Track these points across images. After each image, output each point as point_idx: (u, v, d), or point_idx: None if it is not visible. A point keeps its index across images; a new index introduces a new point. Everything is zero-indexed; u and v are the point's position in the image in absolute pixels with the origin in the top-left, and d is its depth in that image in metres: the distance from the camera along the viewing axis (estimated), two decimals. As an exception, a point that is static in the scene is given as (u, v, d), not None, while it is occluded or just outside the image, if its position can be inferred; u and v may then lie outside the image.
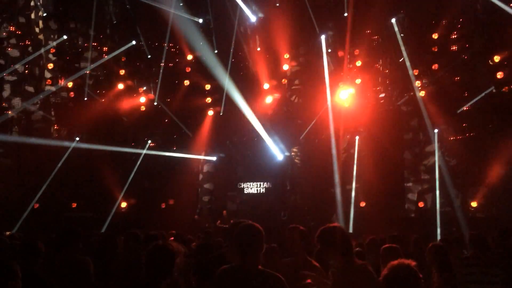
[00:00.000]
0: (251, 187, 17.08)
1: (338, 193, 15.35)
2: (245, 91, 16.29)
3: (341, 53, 16.58)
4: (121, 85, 17.09)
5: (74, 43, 17.28)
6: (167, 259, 3.25)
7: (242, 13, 16.76)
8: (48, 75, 17.46)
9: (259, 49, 17.34)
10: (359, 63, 16.39)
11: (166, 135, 17.65)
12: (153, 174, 16.72)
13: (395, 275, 2.66)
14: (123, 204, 15.96)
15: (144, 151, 16.60)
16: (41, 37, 17.40)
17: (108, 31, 18.05)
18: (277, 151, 16.71)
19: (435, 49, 15.51)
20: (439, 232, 13.67)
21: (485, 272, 4.72)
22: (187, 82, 17.25)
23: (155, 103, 17.24)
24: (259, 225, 3.29)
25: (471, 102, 14.63)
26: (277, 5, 16.37)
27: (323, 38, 16.32)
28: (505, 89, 14.07)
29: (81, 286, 4.24)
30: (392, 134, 15.80)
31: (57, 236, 4.85)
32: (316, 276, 3.91)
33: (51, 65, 17.32)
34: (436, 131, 14.86)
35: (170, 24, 16.42)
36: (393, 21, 15.67)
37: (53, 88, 17.27)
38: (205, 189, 17.93)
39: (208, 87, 17.21)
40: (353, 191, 15.73)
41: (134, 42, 17.24)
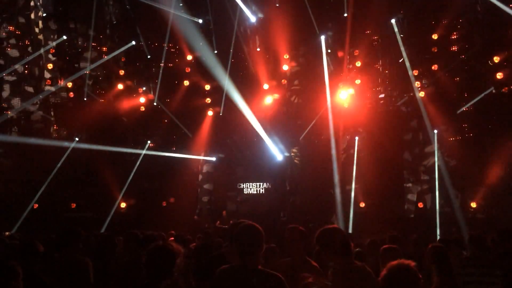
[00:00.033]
0: (251, 188, 17.08)
1: (337, 194, 15.36)
2: (245, 91, 16.29)
3: (341, 53, 16.60)
4: (120, 86, 17.07)
5: (73, 43, 17.26)
6: (168, 259, 3.25)
7: (242, 14, 16.76)
8: (47, 75, 17.45)
9: (258, 49, 17.35)
10: (358, 64, 16.40)
11: (165, 135, 17.63)
12: (152, 175, 16.71)
13: (395, 275, 2.66)
14: (123, 205, 15.95)
15: (144, 152, 16.60)
16: (40, 37, 17.39)
17: (107, 31, 18.02)
18: (276, 151, 16.70)
19: (435, 49, 15.52)
20: (438, 232, 13.68)
21: (484, 272, 4.71)
22: (186, 83, 17.24)
23: (155, 103, 17.23)
24: (258, 225, 3.29)
25: (470, 102, 14.64)
26: (277, 5, 16.36)
27: (322, 38, 16.32)
28: (504, 89, 14.08)
29: (81, 286, 4.24)
30: (392, 134, 15.80)
31: (57, 236, 4.85)
32: (316, 277, 3.91)
33: (50, 65, 17.31)
34: (435, 131, 14.86)
35: (170, 25, 16.42)
36: (392, 21, 15.67)
37: (52, 88, 17.25)
38: (204, 189, 17.92)
39: (207, 87, 17.22)
40: (352, 191, 15.73)
41: (133, 42, 17.23)
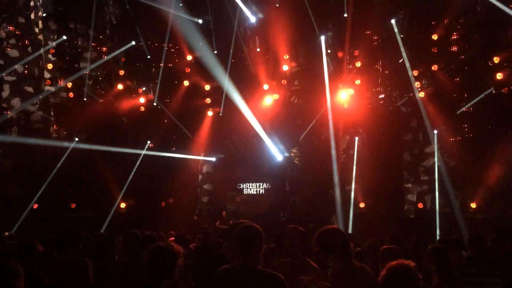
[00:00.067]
0: (251, 188, 17.09)
1: (337, 194, 15.37)
2: (245, 91, 16.29)
3: (341, 53, 16.61)
4: (120, 86, 17.07)
5: (73, 43, 17.24)
6: (169, 260, 3.25)
7: (242, 14, 16.76)
8: (47, 75, 17.43)
9: (258, 49, 17.35)
10: (358, 64, 16.41)
11: (165, 135, 17.62)
12: (152, 175, 16.71)
13: (394, 275, 2.65)
14: (122, 205, 15.95)
15: (144, 152, 16.59)
16: (40, 37, 17.37)
17: (107, 32, 18.01)
18: (276, 152, 16.71)
19: (435, 50, 15.54)
20: (438, 233, 13.69)
21: (484, 273, 4.71)
22: (186, 83, 17.24)
23: (155, 103, 17.22)
24: (258, 225, 3.29)
25: (470, 103, 14.66)
26: (276, 5, 16.35)
27: (322, 38, 16.31)
28: (504, 90, 14.09)
29: (81, 286, 4.25)
30: (392, 135, 15.81)
31: (58, 236, 4.84)
32: (315, 278, 3.91)
33: (50, 66, 17.29)
34: (435, 132, 14.87)
35: (169, 25, 16.41)
36: (392, 22, 15.68)
37: (52, 89, 17.24)
38: (204, 189, 17.92)
39: (207, 87, 17.21)
40: (352, 192, 15.74)
41: (133, 43, 17.22)
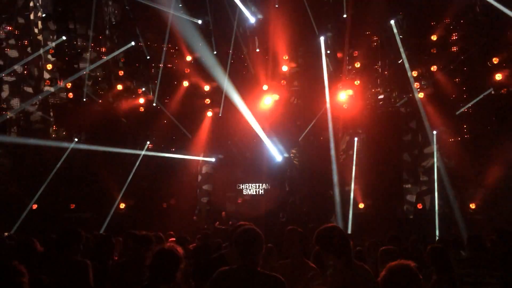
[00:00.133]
0: (250, 189, 17.10)
1: (337, 195, 15.37)
2: (244, 92, 16.30)
3: (340, 54, 16.63)
4: (120, 86, 17.08)
5: (73, 43, 17.22)
6: (173, 263, 3.25)
7: (241, 14, 16.78)
8: (47, 75, 17.40)
9: (258, 50, 17.37)
10: (358, 65, 16.44)
11: (165, 136, 17.62)
12: (152, 175, 16.71)
13: (395, 276, 2.65)
14: (122, 205, 15.94)
15: (143, 152, 16.59)
16: (40, 37, 17.35)
17: (107, 32, 18.01)
18: (276, 152, 16.71)
19: (434, 50, 15.55)
20: (437, 233, 13.70)
21: (483, 273, 4.72)
22: (186, 83, 17.25)
23: (154, 104, 17.23)
24: (258, 226, 3.31)
25: (470, 104, 14.66)
26: (276, 6, 16.37)
27: (322, 39, 16.33)
28: (503, 91, 14.08)
29: (80, 287, 4.24)
30: (391, 135, 15.82)
31: (58, 236, 4.83)
32: (316, 275, 3.94)
33: (50, 66, 17.26)
34: (435, 132, 14.88)
35: (169, 25, 16.43)
36: (392, 22, 15.70)
37: (52, 89, 17.22)
38: (203, 190, 17.93)
39: (207, 88, 17.23)
40: (351, 192, 15.75)
41: (133, 43, 17.23)
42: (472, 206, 13.90)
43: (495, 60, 13.90)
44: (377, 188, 15.21)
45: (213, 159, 17.60)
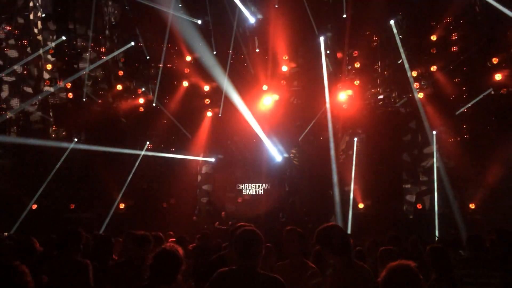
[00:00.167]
0: (250, 189, 17.10)
1: (336, 195, 15.37)
2: (244, 92, 16.30)
3: (340, 54, 16.63)
4: (119, 86, 17.09)
5: (72, 44, 17.22)
6: (174, 265, 3.25)
7: (241, 15, 16.78)
8: (46, 75, 17.41)
9: (258, 50, 17.37)
10: (357, 65, 16.45)
11: (164, 136, 17.62)
12: (151, 175, 16.71)
13: (395, 276, 2.65)
14: (122, 205, 15.94)
15: (143, 152, 16.59)
16: (39, 37, 17.35)
17: (107, 32, 18.01)
18: (275, 152, 16.72)
19: (434, 50, 15.56)
20: (437, 233, 13.70)
21: (483, 273, 4.72)
22: (186, 83, 17.26)
23: (154, 104, 17.23)
24: (257, 226, 3.31)
25: (469, 104, 14.66)
26: (276, 6, 16.37)
27: (322, 39, 16.33)
28: (503, 91, 14.09)
29: (80, 287, 4.24)
30: (391, 135, 15.82)
31: (58, 236, 4.83)
32: (315, 273, 3.93)
33: (49, 66, 17.27)
34: (434, 132, 14.89)
35: (169, 25, 16.43)
36: (391, 22, 15.71)
37: (51, 89, 17.22)
38: (203, 190, 17.92)
39: (207, 88, 17.23)
40: (351, 192, 15.75)
41: (133, 43, 17.23)
42: (472, 206, 13.90)
43: (495, 60, 13.92)
44: (376, 188, 15.21)
45: (213, 159, 17.60)
